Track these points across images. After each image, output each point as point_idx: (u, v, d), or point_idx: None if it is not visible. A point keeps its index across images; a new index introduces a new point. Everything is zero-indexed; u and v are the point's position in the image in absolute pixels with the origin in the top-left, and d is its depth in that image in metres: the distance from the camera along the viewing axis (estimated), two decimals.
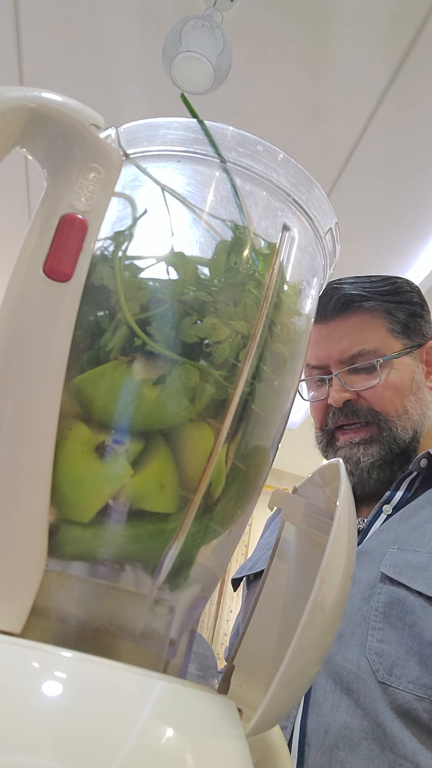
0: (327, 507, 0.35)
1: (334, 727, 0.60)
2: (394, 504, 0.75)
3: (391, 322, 0.80)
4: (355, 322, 0.80)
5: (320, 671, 0.64)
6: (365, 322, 0.80)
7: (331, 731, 0.60)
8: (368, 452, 0.77)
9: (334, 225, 0.38)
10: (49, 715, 0.21)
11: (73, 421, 0.29)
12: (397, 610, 0.62)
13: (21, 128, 0.28)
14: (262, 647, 0.35)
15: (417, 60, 1.59)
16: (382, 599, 0.63)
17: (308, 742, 0.61)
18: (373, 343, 0.78)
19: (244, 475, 0.33)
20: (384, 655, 0.60)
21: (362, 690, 0.60)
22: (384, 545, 0.69)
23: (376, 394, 0.77)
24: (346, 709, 0.60)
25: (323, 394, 0.82)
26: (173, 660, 0.30)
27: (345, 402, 0.79)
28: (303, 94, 1.74)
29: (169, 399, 0.30)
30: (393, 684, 0.58)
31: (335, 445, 0.81)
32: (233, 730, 0.25)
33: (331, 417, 0.81)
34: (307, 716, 0.63)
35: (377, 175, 1.97)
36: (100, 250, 0.32)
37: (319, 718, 0.61)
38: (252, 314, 0.32)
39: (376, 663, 0.60)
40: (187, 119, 0.35)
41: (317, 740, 0.60)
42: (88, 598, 0.28)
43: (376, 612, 0.63)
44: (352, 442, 0.78)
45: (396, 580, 0.63)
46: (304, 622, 0.25)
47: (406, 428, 0.77)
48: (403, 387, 0.78)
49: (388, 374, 0.78)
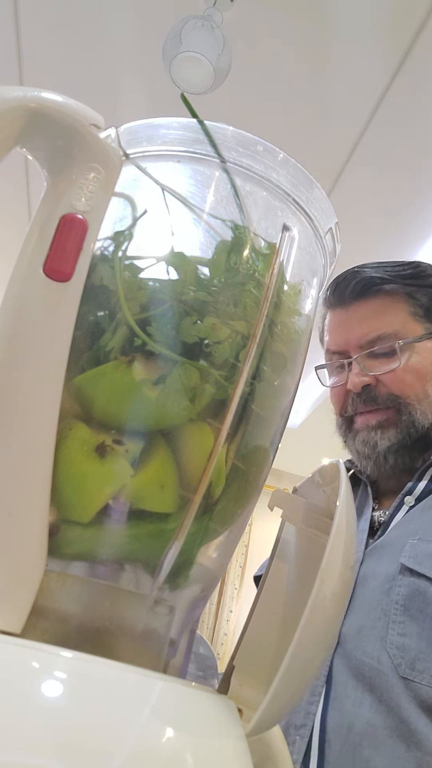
0: (327, 507, 0.35)
1: (357, 724, 0.58)
2: (417, 495, 0.73)
3: (413, 306, 0.77)
4: (375, 306, 0.77)
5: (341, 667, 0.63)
6: (385, 306, 0.77)
7: (354, 728, 0.58)
8: (385, 436, 0.75)
9: (334, 225, 0.38)
10: (49, 715, 0.21)
11: (73, 421, 0.29)
12: (418, 601, 0.60)
13: (21, 128, 0.28)
14: (262, 647, 0.35)
15: (417, 60, 1.59)
16: (403, 591, 0.62)
17: (329, 740, 0.59)
18: (394, 326, 0.76)
19: (244, 475, 0.33)
20: (405, 649, 0.59)
21: (384, 686, 0.58)
22: (404, 537, 0.67)
23: (396, 378, 0.75)
24: (370, 705, 0.58)
25: (343, 379, 0.79)
26: (173, 660, 0.30)
27: (364, 387, 0.76)
28: (303, 94, 1.73)
29: (169, 399, 0.29)
30: (416, 679, 0.57)
31: (353, 429, 0.78)
32: (233, 730, 0.25)
33: (350, 403, 0.78)
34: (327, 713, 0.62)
35: (377, 175, 1.97)
36: (100, 250, 0.32)
37: (341, 714, 0.60)
38: (252, 314, 0.32)
39: (397, 657, 0.59)
40: (187, 119, 0.35)
41: (340, 737, 0.59)
42: (88, 598, 0.28)
43: (396, 605, 0.61)
44: (369, 425, 0.76)
45: (416, 571, 0.62)
46: (304, 622, 0.25)
47: (426, 413, 0.74)
48: (424, 371, 0.75)
49: (408, 358, 0.75)
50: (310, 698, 0.64)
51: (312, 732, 0.62)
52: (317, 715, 0.62)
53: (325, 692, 0.63)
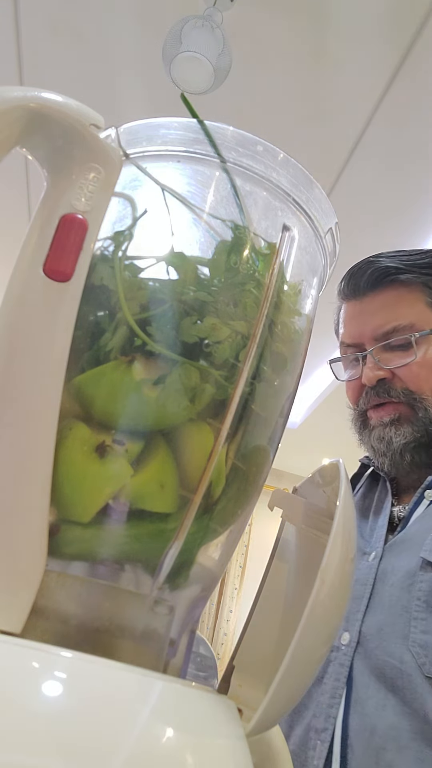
0: (327, 507, 0.35)
1: (380, 727, 0.56)
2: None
3: (430, 296, 0.74)
4: (391, 296, 0.75)
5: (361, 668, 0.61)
6: (401, 296, 0.74)
7: (377, 731, 0.56)
8: (400, 432, 0.72)
9: (334, 225, 0.38)
10: (49, 715, 0.21)
11: (73, 421, 0.29)
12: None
13: (21, 128, 0.28)
14: (262, 647, 0.35)
15: (417, 60, 1.59)
16: (425, 587, 0.59)
17: (351, 744, 0.57)
18: (410, 317, 0.73)
19: (244, 475, 0.33)
20: (429, 647, 0.56)
21: (408, 687, 0.56)
22: (425, 531, 0.65)
23: (411, 372, 0.72)
24: (393, 708, 0.56)
25: (358, 373, 0.77)
26: (173, 660, 0.30)
27: (379, 381, 0.73)
28: (303, 94, 1.73)
29: (169, 399, 0.30)
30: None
31: (369, 425, 0.76)
32: (233, 730, 0.25)
33: (364, 396, 0.76)
34: (348, 715, 0.59)
35: (377, 175, 1.97)
36: (100, 250, 0.32)
37: (363, 717, 0.58)
38: (252, 314, 0.32)
39: (421, 656, 0.56)
40: (187, 119, 0.35)
41: (362, 741, 0.57)
42: (88, 598, 0.28)
43: (418, 601, 0.59)
44: (383, 421, 0.73)
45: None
46: (305, 621, 0.25)
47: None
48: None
49: (425, 351, 0.72)
50: (331, 701, 0.62)
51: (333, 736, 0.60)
52: (338, 719, 0.60)
53: (346, 695, 0.61)
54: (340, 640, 0.65)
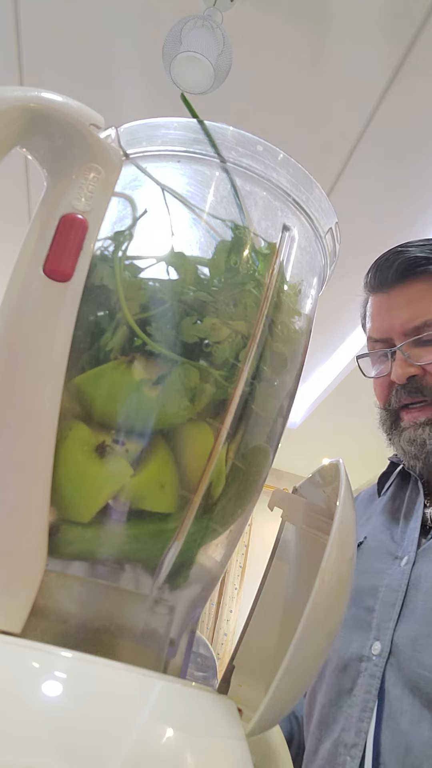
0: (327, 507, 0.35)
1: (416, 744, 0.53)
2: None
3: None
4: (420, 289, 0.71)
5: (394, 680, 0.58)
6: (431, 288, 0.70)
7: (413, 749, 0.53)
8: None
9: (334, 225, 0.38)
10: (50, 715, 0.21)
11: (73, 421, 0.29)
12: None
13: (21, 128, 0.28)
14: (262, 647, 0.35)
15: (417, 60, 1.59)
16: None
17: (383, 761, 0.55)
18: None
19: (244, 475, 0.33)
20: None
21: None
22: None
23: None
24: (430, 723, 0.53)
25: (386, 370, 0.73)
26: (173, 660, 0.30)
27: (409, 378, 0.70)
28: (303, 94, 1.73)
29: (169, 399, 0.29)
30: None
31: (399, 426, 0.72)
32: (233, 730, 0.25)
33: (394, 395, 0.72)
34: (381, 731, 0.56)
35: (377, 175, 1.97)
36: (100, 250, 0.32)
37: (397, 734, 0.55)
38: (252, 314, 0.32)
39: None
40: (187, 119, 0.35)
41: (397, 759, 0.54)
42: (88, 598, 0.28)
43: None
44: (417, 422, 0.70)
45: None
46: (305, 621, 0.25)
47: None
48: None
49: None
50: (361, 714, 0.59)
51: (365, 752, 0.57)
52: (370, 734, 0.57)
53: (378, 708, 0.58)
54: (371, 650, 0.62)
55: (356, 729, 0.58)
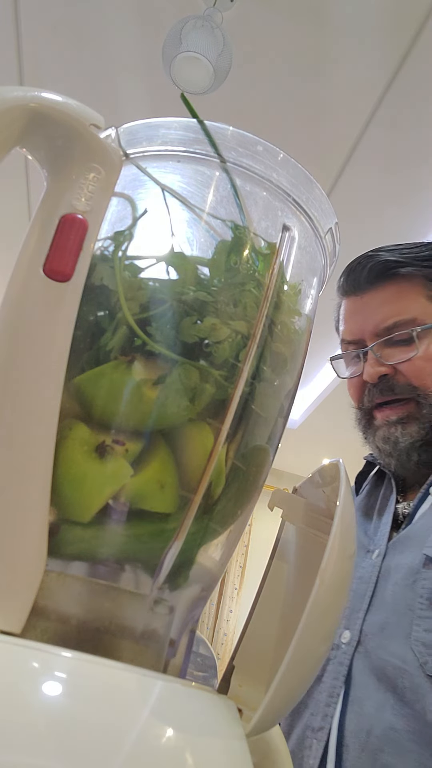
0: (327, 507, 0.35)
1: (378, 728, 0.55)
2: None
3: (430, 289, 0.73)
4: (391, 291, 0.73)
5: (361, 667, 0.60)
6: (401, 290, 0.73)
7: (374, 733, 0.54)
8: (407, 431, 0.70)
9: (334, 225, 0.38)
10: (50, 716, 0.21)
11: (73, 421, 0.29)
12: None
13: (21, 128, 0.28)
14: (262, 647, 0.35)
15: (417, 60, 1.59)
16: (428, 585, 0.58)
17: (347, 744, 0.56)
18: (411, 312, 0.71)
19: (244, 475, 0.33)
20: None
21: (408, 686, 0.54)
22: (429, 528, 0.64)
23: (414, 366, 0.70)
24: (392, 708, 0.55)
25: (359, 370, 0.75)
26: (173, 660, 0.30)
27: (381, 377, 0.72)
28: (303, 93, 1.73)
29: (169, 399, 0.30)
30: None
31: (373, 425, 0.75)
32: (233, 730, 0.25)
33: (367, 394, 0.74)
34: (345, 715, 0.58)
35: (377, 175, 1.97)
36: (100, 250, 0.32)
37: (360, 718, 0.57)
38: (252, 314, 0.32)
39: (423, 655, 0.55)
40: (187, 119, 0.35)
41: (358, 742, 0.55)
42: (88, 598, 0.28)
43: (421, 599, 0.58)
44: (389, 420, 0.72)
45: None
46: (304, 622, 0.25)
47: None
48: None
49: (428, 345, 0.71)
50: (328, 699, 0.61)
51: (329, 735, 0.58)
52: (335, 718, 0.59)
53: (344, 693, 0.60)
54: (341, 639, 0.64)
55: (323, 713, 0.61)
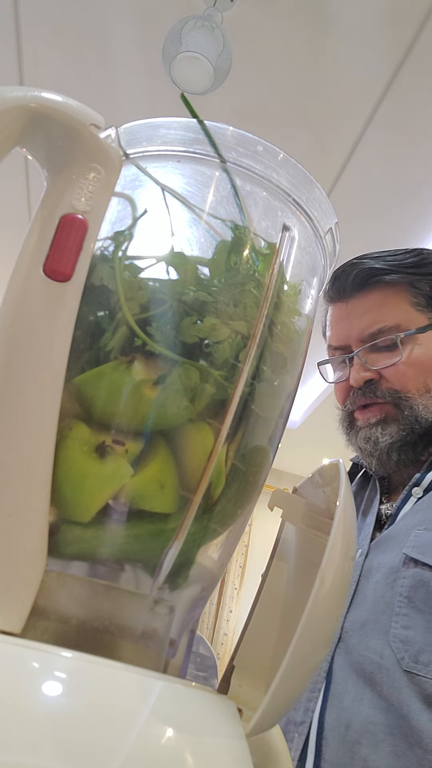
0: (327, 507, 0.35)
1: (356, 721, 0.56)
2: (425, 486, 0.70)
3: (414, 295, 0.75)
4: (376, 298, 0.75)
5: (341, 662, 0.61)
6: (386, 297, 0.75)
7: (353, 726, 0.56)
8: (386, 432, 0.73)
9: (334, 225, 0.38)
10: (49, 715, 0.21)
11: (73, 421, 0.29)
12: (423, 593, 0.58)
13: (21, 128, 0.28)
14: (262, 647, 0.35)
15: (417, 60, 1.59)
16: (407, 583, 0.60)
17: (326, 737, 0.58)
18: (395, 318, 0.74)
19: (244, 475, 0.33)
20: (410, 642, 0.57)
21: (386, 681, 0.56)
22: (410, 527, 0.65)
23: (398, 371, 0.73)
24: (369, 701, 0.57)
25: (345, 375, 0.78)
26: (173, 660, 0.30)
27: (366, 382, 0.74)
28: (303, 94, 1.73)
29: (169, 399, 0.29)
30: (420, 672, 0.55)
31: (356, 426, 0.77)
32: (233, 730, 0.25)
33: (351, 398, 0.77)
34: (326, 710, 0.60)
35: (377, 175, 1.97)
36: (100, 250, 0.32)
37: (339, 711, 0.58)
38: (252, 314, 0.32)
39: (401, 651, 0.57)
40: (187, 119, 0.35)
41: (337, 735, 0.57)
42: (88, 598, 0.28)
43: (400, 597, 0.60)
44: (369, 422, 0.74)
45: (421, 561, 0.60)
46: (304, 621, 0.25)
47: (429, 407, 0.72)
48: (428, 363, 0.73)
49: (411, 351, 0.73)
50: (309, 694, 0.63)
51: (310, 729, 0.60)
52: (316, 712, 0.61)
53: (325, 688, 0.62)
54: None
55: (304, 708, 0.63)
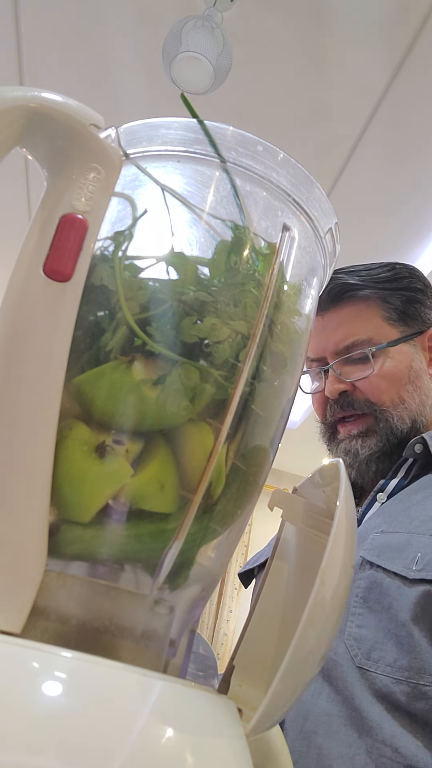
0: (327, 507, 0.35)
1: (313, 713, 0.59)
2: (389, 492, 0.74)
3: (386, 310, 0.79)
4: (350, 312, 0.79)
5: None
6: (359, 311, 0.79)
7: (310, 717, 0.59)
8: (366, 444, 0.76)
9: (334, 225, 0.38)
10: (49, 716, 0.21)
11: (73, 421, 0.29)
12: (376, 593, 0.61)
13: (21, 128, 0.28)
14: (262, 647, 0.35)
15: (417, 60, 1.59)
16: (362, 584, 0.62)
17: (286, 728, 0.60)
18: (368, 332, 0.77)
19: (244, 475, 0.33)
20: (362, 640, 0.60)
21: (340, 676, 0.59)
22: (369, 531, 0.68)
23: (371, 384, 0.76)
24: (327, 695, 0.60)
25: (322, 386, 0.82)
26: (173, 660, 0.30)
27: (341, 393, 0.78)
28: (303, 93, 1.73)
29: (169, 399, 0.29)
30: (371, 668, 0.58)
31: (337, 438, 0.80)
32: (233, 730, 0.25)
33: (329, 409, 0.80)
34: None
35: (377, 175, 1.97)
36: (100, 250, 0.32)
37: (299, 704, 0.61)
38: (252, 314, 0.32)
39: (354, 648, 0.60)
40: (187, 119, 0.35)
41: (296, 727, 0.60)
42: (88, 598, 0.28)
43: (356, 598, 0.62)
44: (351, 434, 0.78)
45: (374, 563, 0.63)
46: (304, 622, 0.25)
47: (403, 418, 0.75)
48: (399, 376, 0.76)
49: (382, 363, 0.77)
50: None
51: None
52: None
53: None
54: None
55: None
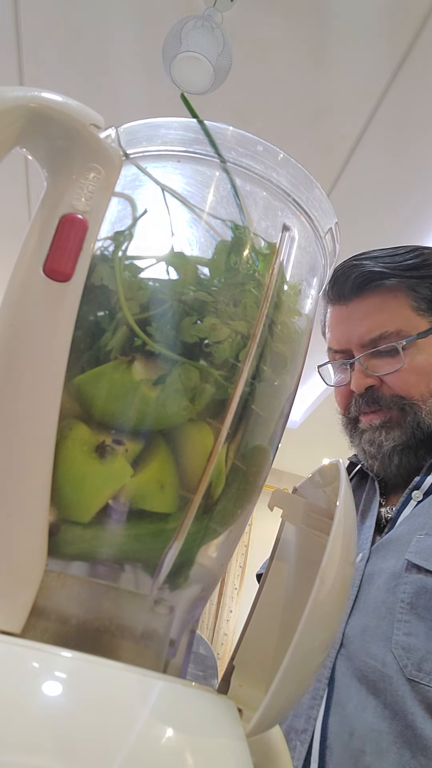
0: (327, 507, 0.35)
1: (359, 729, 0.55)
2: (425, 490, 0.70)
3: (415, 299, 0.73)
4: (375, 302, 0.74)
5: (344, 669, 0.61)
6: (386, 301, 0.74)
7: (356, 734, 0.55)
8: (390, 436, 0.72)
9: (334, 225, 0.38)
10: (49, 716, 0.21)
11: (73, 421, 0.29)
12: (425, 599, 0.58)
13: (21, 128, 0.28)
14: (262, 647, 0.35)
15: (417, 60, 1.59)
16: (409, 589, 0.59)
17: (329, 745, 0.57)
18: (396, 323, 0.72)
19: (244, 475, 0.33)
20: (412, 649, 0.56)
21: (389, 689, 0.56)
22: (411, 532, 0.64)
23: (400, 379, 0.72)
24: (374, 710, 0.56)
25: (346, 379, 0.77)
26: (173, 660, 0.30)
27: (367, 388, 0.74)
28: (303, 94, 1.73)
29: (169, 399, 0.30)
30: (423, 681, 0.54)
31: (359, 429, 0.77)
32: (233, 730, 0.25)
33: (354, 404, 0.76)
34: (329, 717, 0.59)
35: (377, 175, 1.97)
36: (100, 250, 0.32)
37: (342, 719, 0.57)
38: (252, 314, 0.32)
39: (403, 658, 0.56)
40: (187, 119, 0.35)
41: (341, 743, 0.56)
42: (88, 598, 0.28)
43: (402, 603, 0.59)
44: (372, 425, 0.74)
45: (423, 567, 0.59)
46: (304, 622, 0.25)
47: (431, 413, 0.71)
48: (430, 369, 0.72)
49: (413, 357, 0.72)
50: (312, 702, 0.62)
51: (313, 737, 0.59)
52: (318, 720, 0.60)
53: (327, 695, 0.61)
54: None
55: (306, 716, 0.62)
